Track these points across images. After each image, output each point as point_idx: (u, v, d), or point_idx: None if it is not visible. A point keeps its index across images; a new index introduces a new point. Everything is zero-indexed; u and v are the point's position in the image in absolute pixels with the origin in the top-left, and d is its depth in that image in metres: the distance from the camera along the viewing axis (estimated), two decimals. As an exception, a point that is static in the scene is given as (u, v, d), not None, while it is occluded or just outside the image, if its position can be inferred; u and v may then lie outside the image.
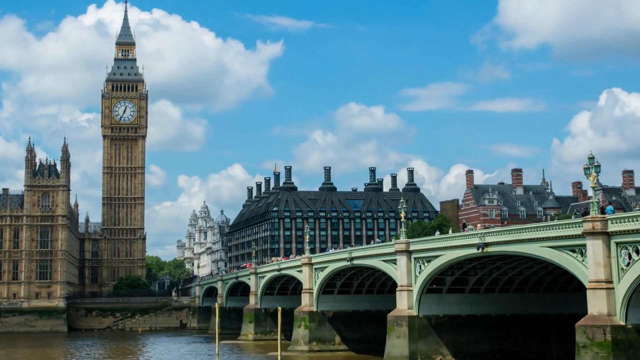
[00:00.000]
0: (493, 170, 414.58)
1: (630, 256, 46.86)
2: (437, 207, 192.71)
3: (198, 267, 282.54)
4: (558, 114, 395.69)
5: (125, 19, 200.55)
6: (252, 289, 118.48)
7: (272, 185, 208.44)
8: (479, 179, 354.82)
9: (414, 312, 68.09)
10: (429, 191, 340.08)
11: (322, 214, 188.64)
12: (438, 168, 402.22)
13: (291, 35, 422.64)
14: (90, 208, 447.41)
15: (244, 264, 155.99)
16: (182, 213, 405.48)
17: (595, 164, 49.58)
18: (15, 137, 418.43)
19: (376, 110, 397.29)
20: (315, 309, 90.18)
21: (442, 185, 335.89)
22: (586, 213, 50.17)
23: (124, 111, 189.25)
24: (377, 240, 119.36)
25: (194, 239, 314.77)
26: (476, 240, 60.13)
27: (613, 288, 47.67)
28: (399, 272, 70.54)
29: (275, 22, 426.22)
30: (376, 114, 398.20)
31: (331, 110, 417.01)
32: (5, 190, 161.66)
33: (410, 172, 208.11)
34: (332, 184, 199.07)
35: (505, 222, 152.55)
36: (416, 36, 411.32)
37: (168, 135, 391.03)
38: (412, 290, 68.77)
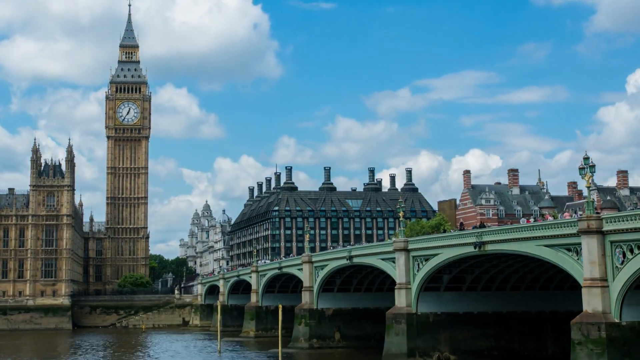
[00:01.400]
0: (511, 155, 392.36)
1: (624, 255, 46.89)
2: (435, 207, 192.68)
3: (200, 265, 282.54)
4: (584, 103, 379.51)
5: (129, 22, 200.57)
6: (254, 287, 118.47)
7: (273, 185, 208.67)
8: (496, 163, 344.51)
9: (413, 310, 68.09)
10: (446, 179, 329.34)
11: (322, 213, 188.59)
12: (458, 155, 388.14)
13: (315, 16, 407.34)
14: (94, 202, 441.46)
15: (246, 262, 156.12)
16: (192, 207, 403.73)
17: (590, 164, 49.68)
18: (23, 114, 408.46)
19: (399, 96, 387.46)
20: (315, 307, 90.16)
21: (458, 173, 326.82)
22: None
23: (128, 112, 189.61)
24: (380, 238, 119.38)
25: (197, 237, 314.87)
26: (473, 239, 60.16)
27: (608, 286, 47.70)
28: (397, 270, 70.53)
29: (298, 3, 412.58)
30: (398, 100, 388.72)
31: (357, 95, 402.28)
32: (11, 190, 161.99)
33: (409, 172, 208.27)
34: (331, 183, 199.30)
35: (504, 222, 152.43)
36: (448, 16, 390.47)
37: (180, 124, 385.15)
38: (410, 288, 68.78)
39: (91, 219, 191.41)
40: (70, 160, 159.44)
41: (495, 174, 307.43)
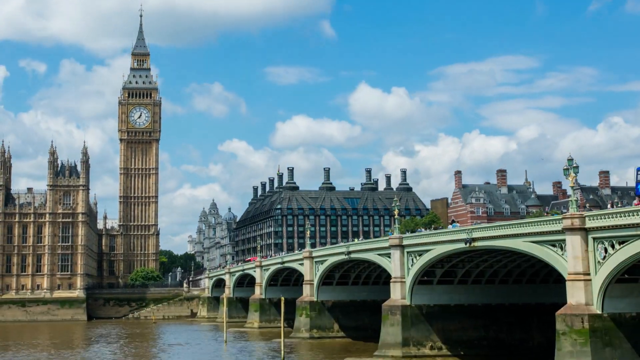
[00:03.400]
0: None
1: (606, 250, 46.91)
2: (428, 205, 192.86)
3: (207, 260, 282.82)
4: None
5: (140, 31, 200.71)
6: (258, 280, 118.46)
7: (275, 184, 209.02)
8: (509, 147, 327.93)
9: (407, 302, 68.06)
10: (471, 155, 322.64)
11: (322, 211, 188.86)
12: (478, 139, 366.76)
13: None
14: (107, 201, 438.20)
15: (250, 258, 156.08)
16: (203, 201, 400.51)
17: (574, 165, 49.72)
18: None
19: (430, 77, 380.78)
20: (315, 299, 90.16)
21: (479, 156, 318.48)
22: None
23: (139, 116, 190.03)
24: (377, 235, 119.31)
25: (204, 234, 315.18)
26: (464, 236, 60.18)
27: (590, 280, 47.71)
28: (392, 265, 70.54)
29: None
30: (429, 82, 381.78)
31: (389, 75, 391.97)
32: (30, 189, 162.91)
33: (404, 172, 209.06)
34: (331, 183, 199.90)
35: (493, 219, 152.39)
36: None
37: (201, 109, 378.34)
38: (405, 281, 68.77)
39: (105, 217, 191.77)
40: (85, 161, 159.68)
41: (512, 161, 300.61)
